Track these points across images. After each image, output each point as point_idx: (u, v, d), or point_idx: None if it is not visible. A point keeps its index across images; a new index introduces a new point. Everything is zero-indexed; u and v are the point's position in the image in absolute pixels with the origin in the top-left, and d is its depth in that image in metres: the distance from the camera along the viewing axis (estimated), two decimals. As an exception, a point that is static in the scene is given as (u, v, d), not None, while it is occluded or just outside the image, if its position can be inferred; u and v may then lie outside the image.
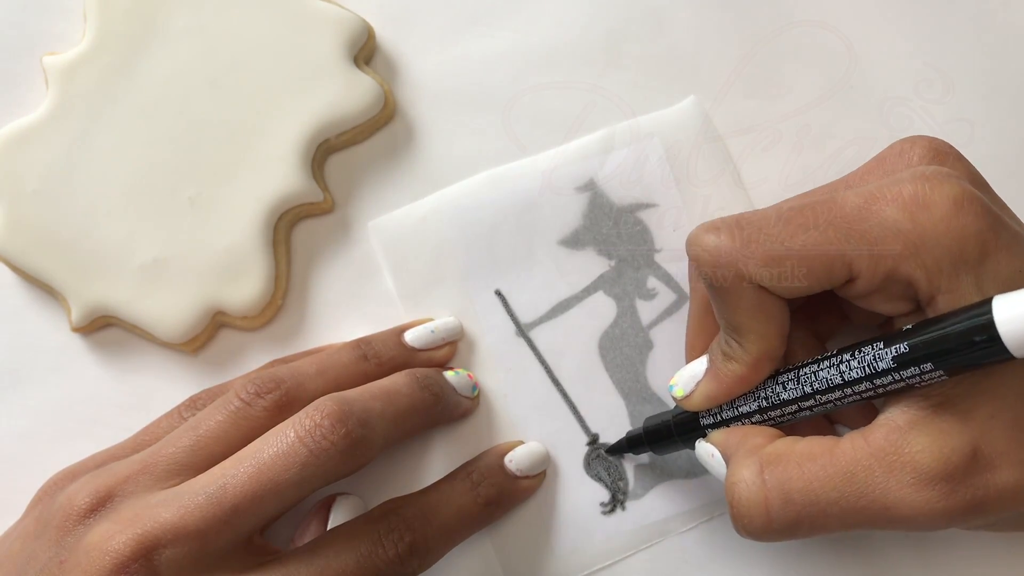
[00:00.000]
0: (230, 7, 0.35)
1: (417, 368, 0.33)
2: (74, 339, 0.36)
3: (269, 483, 0.28)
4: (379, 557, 0.29)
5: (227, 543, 0.28)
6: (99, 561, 0.26)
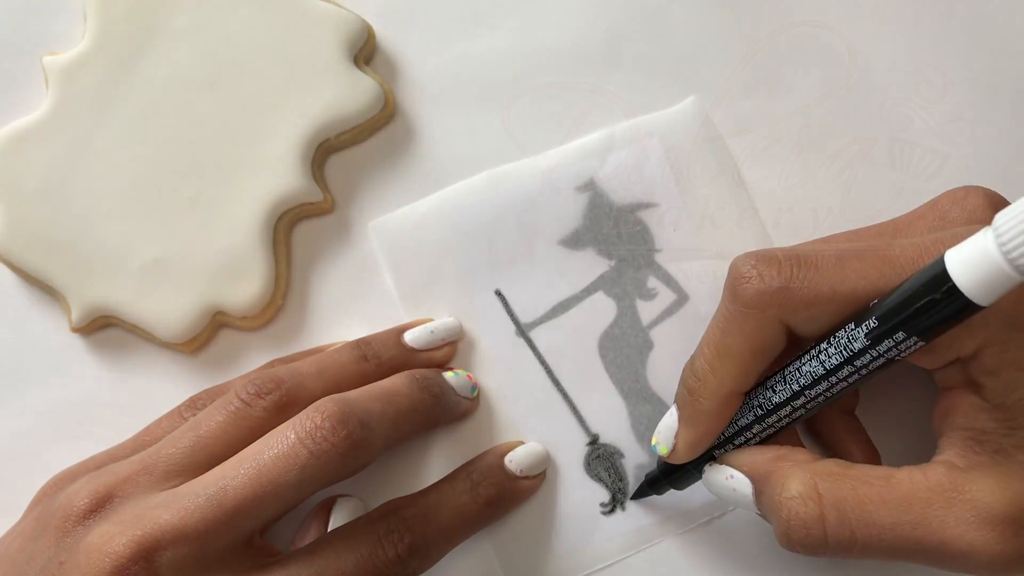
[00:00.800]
0: (230, 7, 0.35)
1: (417, 369, 0.33)
2: (74, 339, 0.36)
3: (269, 484, 0.27)
4: (379, 558, 0.29)
5: (227, 544, 0.27)
6: (99, 562, 0.26)
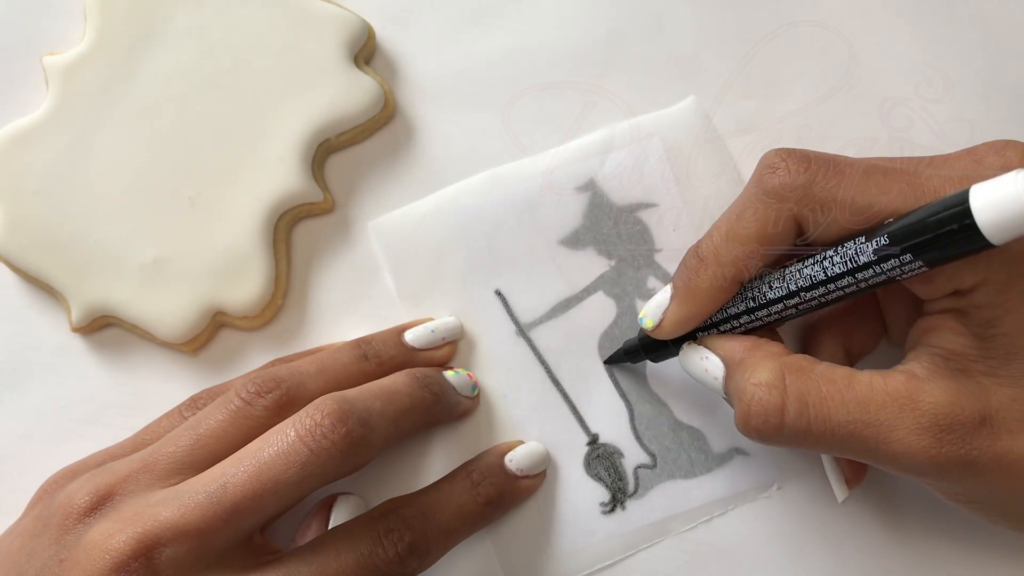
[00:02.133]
0: (230, 7, 0.35)
1: (417, 368, 0.33)
2: (74, 339, 0.36)
3: (269, 482, 0.28)
4: (379, 557, 0.29)
5: (227, 542, 0.28)
6: (99, 560, 0.26)
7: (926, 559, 0.34)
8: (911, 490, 0.34)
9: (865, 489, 0.34)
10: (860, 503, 0.34)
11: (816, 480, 0.34)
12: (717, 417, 0.34)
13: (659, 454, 0.34)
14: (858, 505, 0.34)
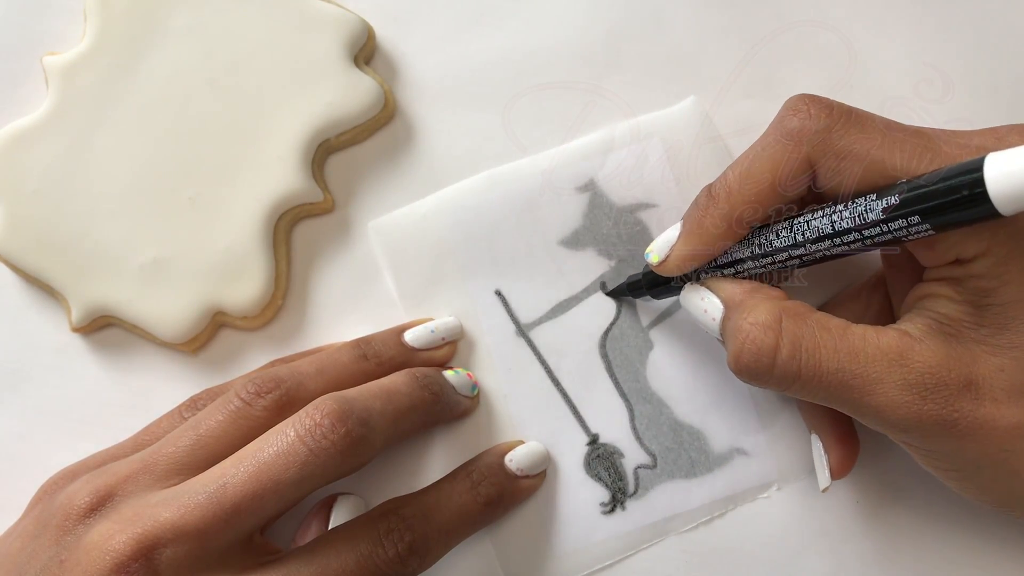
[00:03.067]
0: (230, 7, 0.35)
1: (417, 367, 0.33)
2: (74, 339, 0.36)
3: (269, 482, 0.28)
4: (379, 557, 0.29)
5: (227, 542, 0.28)
6: (99, 560, 0.26)
7: (926, 559, 0.34)
8: (911, 491, 0.34)
9: (865, 489, 0.34)
10: (860, 503, 0.34)
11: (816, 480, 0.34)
12: (717, 417, 0.34)
13: (659, 454, 0.34)
14: (858, 506, 0.34)
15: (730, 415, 0.34)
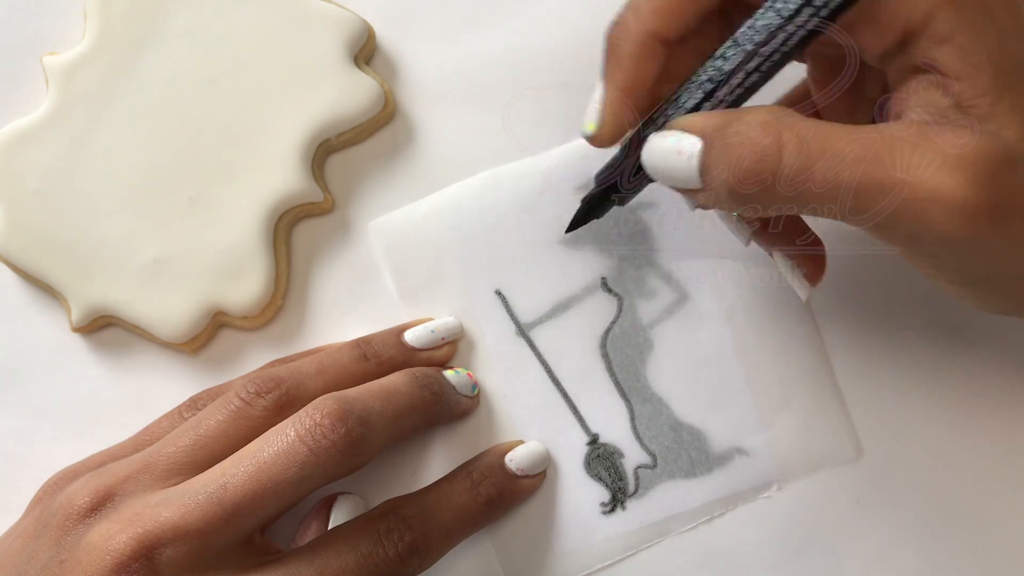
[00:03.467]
0: (230, 7, 0.35)
1: (417, 367, 0.33)
2: (74, 339, 0.36)
3: (269, 482, 0.28)
4: (379, 556, 0.29)
5: (228, 542, 0.28)
6: (100, 560, 0.26)
7: (926, 559, 0.34)
8: (911, 491, 0.34)
9: (865, 489, 0.34)
10: (860, 503, 0.34)
11: (816, 480, 0.34)
12: (717, 417, 0.34)
13: (659, 454, 0.34)
14: (858, 505, 0.34)
15: (730, 415, 0.34)
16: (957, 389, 0.34)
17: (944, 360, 0.35)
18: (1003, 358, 0.34)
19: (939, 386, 0.35)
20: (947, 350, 0.35)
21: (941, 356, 0.35)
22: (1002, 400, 0.34)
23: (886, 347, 0.35)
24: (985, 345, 0.34)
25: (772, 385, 0.34)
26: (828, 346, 0.35)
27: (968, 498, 0.34)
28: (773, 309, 0.35)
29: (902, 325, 0.35)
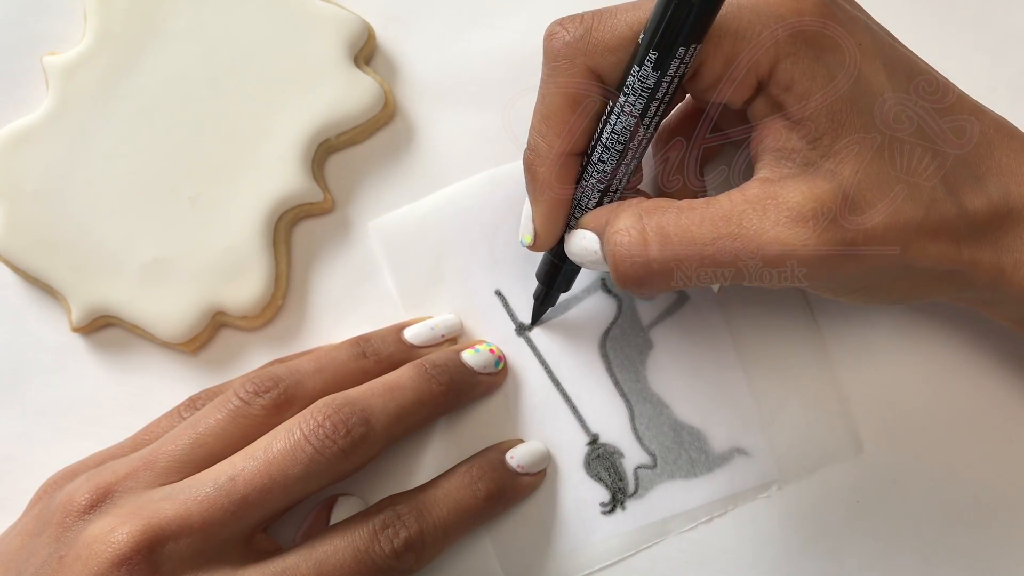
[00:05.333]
0: (230, 7, 0.35)
1: (428, 356, 0.33)
2: (74, 339, 0.36)
3: (279, 475, 0.28)
4: (376, 552, 0.29)
5: (231, 537, 0.28)
6: (100, 554, 0.26)
7: (926, 559, 0.34)
8: (911, 491, 0.34)
9: (865, 489, 0.34)
10: (860, 503, 0.34)
11: (816, 480, 0.34)
12: (717, 417, 0.34)
13: (659, 454, 0.34)
14: (857, 506, 0.34)
15: (730, 415, 0.34)
16: (957, 389, 0.34)
17: (944, 360, 0.35)
18: (1003, 358, 0.35)
19: (939, 386, 0.35)
20: (947, 350, 0.35)
21: (941, 356, 0.35)
22: (1002, 400, 0.34)
23: (886, 346, 0.35)
24: (985, 345, 0.35)
25: (772, 385, 0.34)
26: (828, 346, 0.35)
27: (968, 498, 0.34)
28: (773, 309, 0.35)
29: (902, 325, 0.35)
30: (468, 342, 0.35)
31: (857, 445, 0.34)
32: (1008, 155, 0.29)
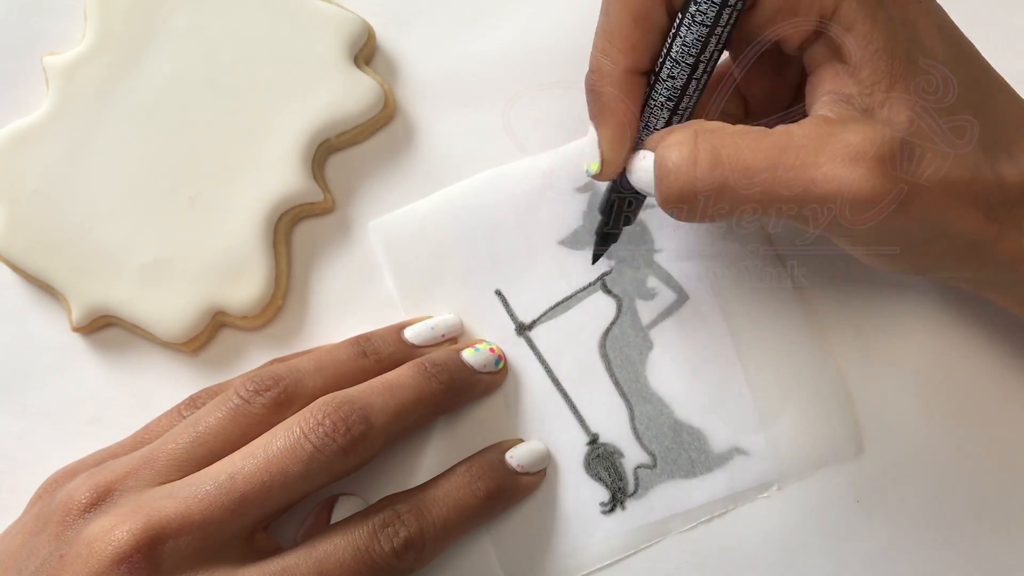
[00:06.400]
0: (230, 7, 0.35)
1: (428, 355, 0.33)
2: (74, 339, 0.36)
3: (279, 473, 0.28)
4: (375, 552, 0.29)
5: (231, 535, 0.28)
6: (101, 552, 0.26)
7: (926, 559, 0.34)
8: (911, 491, 0.34)
9: (865, 489, 0.34)
10: (860, 503, 0.34)
11: (816, 480, 0.34)
12: (717, 417, 0.34)
13: (659, 454, 0.34)
14: (858, 505, 0.34)
15: (730, 415, 0.34)
16: (957, 389, 0.34)
17: (944, 360, 0.35)
18: (1004, 358, 0.35)
19: (939, 386, 0.35)
20: (947, 350, 0.35)
21: (941, 356, 0.35)
22: (1002, 400, 0.34)
23: (886, 346, 0.35)
24: (985, 344, 0.35)
25: (772, 385, 0.34)
26: (828, 345, 0.35)
27: (968, 498, 0.34)
28: (773, 309, 0.35)
29: (902, 325, 0.35)
30: (468, 341, 0.35)
31: (857, 445, 0.34)
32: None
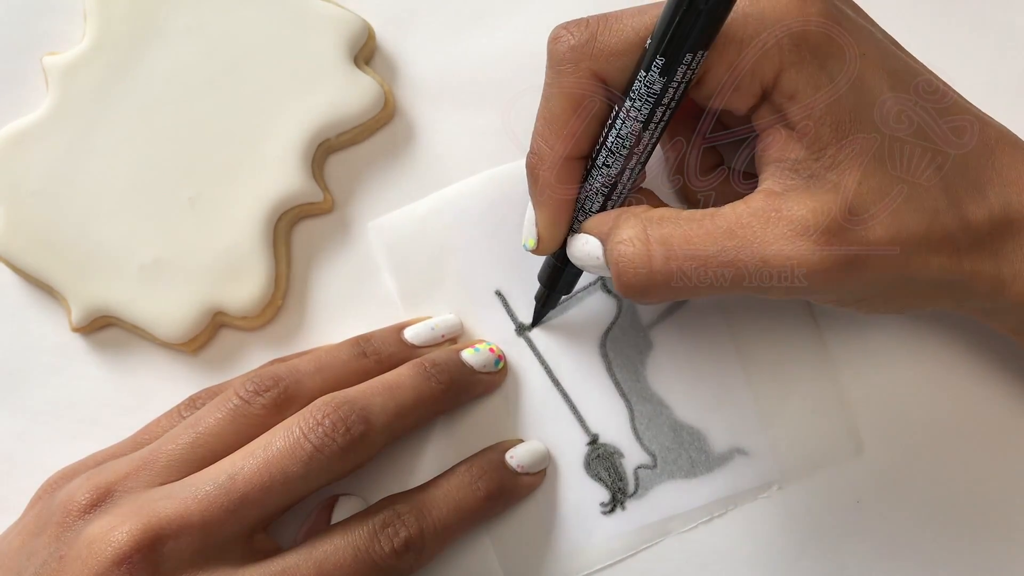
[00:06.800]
0: (230, 7, 0.35)
1: (428, 356, 0.33)
2: (74, 339, 0.36)
3: (279, 473, 0.28)
4: (375, 552, 0.29)
5: (231, 535, 0.28)
6: (100, 552, 0.26)
7: (926, 559, 0.34)
8: (911, 491, 0.34)
9: (865, 489, 0.34)
10: (860, 503, 0.34)
11: (816, 480, 0.34)
12: (717, 417, 0.34)
13: (659, 454, 0.34)
14: (858, 506, 0.34)
15: (730, 415, 0.34)
16: (957, 389, 0.34)
17: (944, 360, 0.35)
18: (1004, 358, 0.35)
19: (939, 386, 0.35)
20: (947, 350, 0.35)
21: (941, 356, 0.35)
22: (1002, 400, 0.34)
23: (886, 346, 0.35)
24: (986, 345, 0.35)
25: (772, 385, 0.34)
26: (828, 346, 0.35)
27: (968, 498, 0.34)
28: (773, 310, 0.35)
29: (903, 325, 0.35)
30: (468, 341, 0.35)
31: (857, 445, 0.34)
32: (1010, 164, 0.29)
